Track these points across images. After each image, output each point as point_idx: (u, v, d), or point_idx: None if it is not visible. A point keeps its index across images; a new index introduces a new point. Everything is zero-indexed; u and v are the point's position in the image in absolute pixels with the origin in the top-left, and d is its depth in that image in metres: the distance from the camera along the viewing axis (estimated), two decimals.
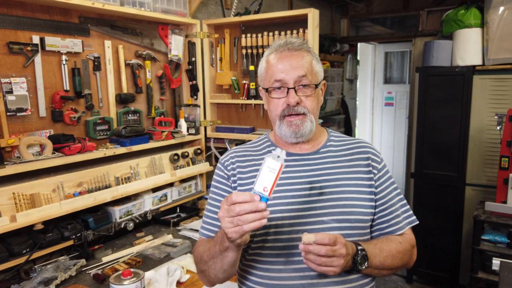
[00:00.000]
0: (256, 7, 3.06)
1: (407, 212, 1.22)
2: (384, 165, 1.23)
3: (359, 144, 1.25)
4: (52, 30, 1.75)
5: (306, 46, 1.19)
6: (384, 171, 1.22)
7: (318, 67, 1.19)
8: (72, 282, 1.60)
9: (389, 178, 1.22)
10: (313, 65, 1.17)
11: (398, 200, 1.21)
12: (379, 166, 1.21)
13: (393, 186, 1.22)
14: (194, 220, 2.26)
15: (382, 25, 4.97)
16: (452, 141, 3.28)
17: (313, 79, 1.15)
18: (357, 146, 1.24)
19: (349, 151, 1.23)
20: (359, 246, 1.07)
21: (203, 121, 2.51)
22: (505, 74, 3.04)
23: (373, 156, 1.23)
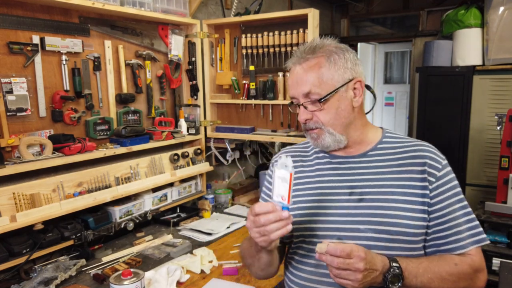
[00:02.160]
0: (256, 7, 3.06)
1: (473, 229, 1.04)
2: (446, 172, 1.07)
3: (416, 146, 1.10)
4: (52, 30, 1.75)
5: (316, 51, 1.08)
6: (445, 179, 1.06)
7: (330, 72, 1.05)
8: (72, 282, 1.59)
9: (452, 188, 1.06)
10: (321, 75, 1.05)
11: (463, 214, 1.05)
12: (438, 174, 1.05)
13: (456, 198, 1.06)
14: (194, 220, 2.26)
15: (382, 25, 4.97)
16: (452, 141, 3.28)
17: (322, 91, 1.05)
18: (413, 149, 1.10)
19: (403, 154, 1.10)
20: (394, 263, 0.97)
21: (203, 121, 2.51)
22: (505, 74, 3.04)
23: (432, 161, 1.07)
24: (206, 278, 1.62)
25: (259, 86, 2.41)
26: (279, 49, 2.33)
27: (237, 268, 1.66)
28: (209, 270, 1.67)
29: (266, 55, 2.39)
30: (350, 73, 1.07)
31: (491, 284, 2.58)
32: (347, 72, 1.06)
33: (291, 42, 2.28)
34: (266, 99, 2.38)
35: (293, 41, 2.27)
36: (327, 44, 1.09)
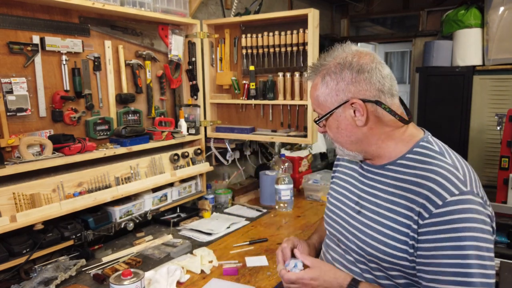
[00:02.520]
0: (256, 7, 3.06)
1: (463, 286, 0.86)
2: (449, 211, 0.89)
3: (428, 172, 0.97)
4: (52, 30, 1.75)
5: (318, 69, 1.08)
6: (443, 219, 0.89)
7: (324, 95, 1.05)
8: (72, 282, 1.59)
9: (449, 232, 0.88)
10: (317, 97, 1.07)
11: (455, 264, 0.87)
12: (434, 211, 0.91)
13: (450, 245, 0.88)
14: (194, 220, 2.26)
15: (382, 25, 4.98)
16: (452, 141, 3.28)
17: (322, 111, 1.08)
18: (423, 175, 0.97)
19: (413, 177, 0.99)
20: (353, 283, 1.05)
21: (203, 121, 2.51)
22: (505, 74, 3.05)
23: (432, 195, 0.92)
24: (206, 278, 1.62)
25: (259, 86, 2.41)
26: (279, 49, 2.33)
27: (237, 268, 1.66)
28: (209, 270, 1.67)
29: (266, 55, 2.39)
30: (344, 94, 1.03)
31: None
32: (339, 94, 1.04)
33: (291, 42, 2.28)
34: (266, 99, 2.38)
35: (293, 41, 2.27)
36: (329, 62, 1.06)
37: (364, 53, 1.06)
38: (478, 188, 0.95)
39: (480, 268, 0.86)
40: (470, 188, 0.92)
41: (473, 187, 0.93)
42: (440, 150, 1.02)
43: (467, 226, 0.87)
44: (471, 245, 0.86)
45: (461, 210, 0.88)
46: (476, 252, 0.86)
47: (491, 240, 0.90)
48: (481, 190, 0.96)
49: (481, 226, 0.88)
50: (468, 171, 0.98)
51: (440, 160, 0.99)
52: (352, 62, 1.03)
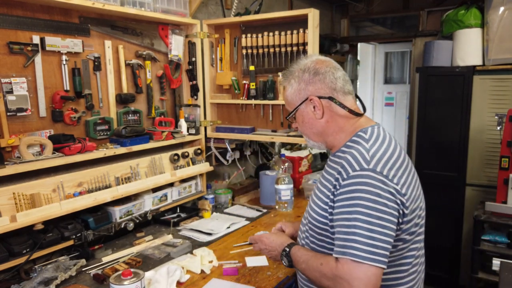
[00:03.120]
0: (256, 7, 3.06)
1: (346, 242, 1.08)
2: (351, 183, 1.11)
3: (345, 154, 1.20)
4: (52, 30, 1.75)
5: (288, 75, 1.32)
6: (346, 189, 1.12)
7: (290, 95, 1.31)
8: (72, 282, 1.60)
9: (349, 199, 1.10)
10: (286, 96, 1.34)
11: (345, 225, 1.10)
12: (342, 182, 1.13)
13: (347, 209, 1.10)
14: (194, 220, 2.26)
15: (382, 25, 4.97)
16: (452, 141, 3.28)
17: (291, 109, 1.33)
18: (342, 157, 1.19)
19: (339, 159, 1.22)
20: (287, 248, 1.33)
21: (203, 121, 2.51)
22: (505, 74, 3.04)
23: (342, 170, 1.15)
24: (206, 278, 1.62)
25: (259, 86, 2.41)
26: (279, 49, 2.33)
27: (237, 268, 1.66)
28: (209, 270, 1.67)
29: (266, 55, 2.39)
30: (304, 92, 1.27)
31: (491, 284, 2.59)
32: (301, 93, 1.28)
33: (291, 42, 2.28)
34: (266, 99, 2.38)
35: (293, 41, 2.27)
36: (295, 68, 1.31)
37: (322, 60, 1.29)
38: (387, 169, 1.13)
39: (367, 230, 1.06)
40: (373, 166, 1.12)
41: (377, 166, 1.12)
42: (368, 137, 1.22)
43: (360, 195, 1.09)
44: (361, 211, 1.08)
45: (358, 183, 1.11)
46: (364, 217, 1.07)
47: (383, 210, 1.08)
48: (392, 171, 1.13)
49: (373, 197, 1.08)
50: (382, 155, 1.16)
51: (360, 144, 1.20)
52: (310, 67, 1.27)
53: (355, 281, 1.05)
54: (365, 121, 1.30)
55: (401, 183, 1.14)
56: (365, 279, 1.04)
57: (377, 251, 1.05)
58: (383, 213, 1.07)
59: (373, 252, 1.05)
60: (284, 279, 1.60)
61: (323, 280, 1.14)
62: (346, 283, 1.06)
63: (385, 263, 1.06)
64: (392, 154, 1.17)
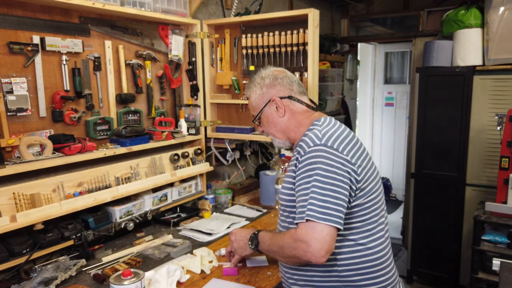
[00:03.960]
0: (257, 7, 3.06)
1: (303, 208, 1.22)
2: (306, 158, 1.27)
3: (303, 137, 1.35)
4: (52, 30, 1.75)
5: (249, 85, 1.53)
6: (303, 164, 1.27)
7: (255, 100, 1.50)
8: (72, 282, 1.60)
9: (305, 171, 1.25)
10: (251, 103, 1.52)
11: (302, 194, 1.24)
12: (300, 158, 1.29)
13: (305, 180, 1.25)
14: (194, 220, 2.26)
15: (382, 25, 4.97)
16: (452, 141, 3.28)
17: (255, 113, 1.51)
18: (301, 140, 1.35)
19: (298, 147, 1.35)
20: (254, 233, 1.50)
21: (203, 121, 2.52)
22: (505, 74, 3.04)
23: (300, 148, 1.32)
24: (206, 278, 1.62)
25: None
26: (279, 49, 2.33)
27: (237, 268, 1.66)
28: (209, 270, 1.67)
29: (267, 55, 2.39)
30: (267, 95, 1.47)
31: (491, 284, 2.59)
32: (264, 96, 1.48)
33: (291, 42, 2.28)
34: None
35: (293, 41, 2.27)
36: (256, 78, 1.52)
37: (279, 70, 1.52)
38: (337, 143, 1.29)
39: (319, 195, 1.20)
40: (325, 142, 1.28)
41: (328, 142, 1.28)
42: (321, 123, 1.37)
43: (314, 166, 1.24)
44: (315, 178, 1.22)
45: (312, 156, 1.26)
46: (318, 183, 1.21)
47: (335, 177, 1.22)
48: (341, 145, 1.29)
49: (325, 166, 1.23)
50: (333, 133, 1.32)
51: (315, 128, 1.36)
52: (269, 74, 1.50)
53: (312, 241, 1.17)
54: (319, 114, 1.46)
55: (351, 155, 1.29)
56: (320, 238, 1.17)
57: (330, 212, 1.18)
58: (335, 180, 1.22)
59: (327, 213, 1.18)
60: None
61: (285, 248, 1.27)
62: (304, 244, 1.19)
63: (340, 223, 1.19)
64: (342, 132, 1.34)
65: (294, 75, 1.53)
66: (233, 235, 1.63)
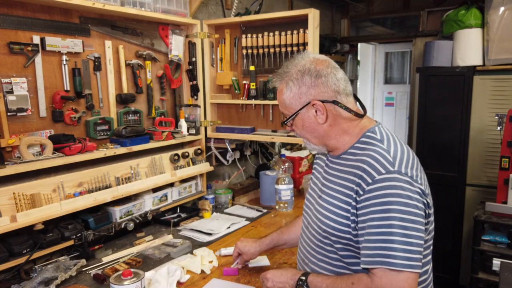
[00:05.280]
0: (257, 7, 3.06)
1: (385, 250, 1.02)
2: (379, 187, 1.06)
3: (364, 156, 1.14)
4: (52, 30, 1.75)
5: (283, 77, 1.24)
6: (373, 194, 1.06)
7: (289, 99, 1.22)
8: (72, 282, 1.60)
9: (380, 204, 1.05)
10: (283, 100, 1.24)
11: (380, 233, 1.04)
12: (367, 188, 1.08)
13: (380, 215, 1.04)
14: (195, 220, 2.26)
15: (383, 25, 4.97)
16: (452, 141, 3.28)
17: (288, 112, 1.25)
18: (361, 159, 1.14)
19: (355, 163, 1.15)
20: (302, 277, 1.19)
21: (204, 121, 2.52)
22: (505, 74, 3.04)
23: (365, 174, 1.09)
24: (206, 278, 1.62)
25: (259, 86, 2.41)
26: (279, 49, 2.33)
27: (237, 268, 1.66)
28: (209, 270, 1.67)
29: (267, 55, 2.39)
30: (306, 97, 1.20)
31: (492, 284, 2.58)
32: (302, 97, 1.20)
33: (292, 43, 2.28)
34: (267, 99, 2.38)
35: (293, 41, 2.27)
36: (291, 69, 1.22)
37: (321, 60, 1.22)
38: (409, 169, 1.09)
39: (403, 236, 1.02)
40: (398, 168, 1.07)
41: (401, 168, 1.08)
42: (380, 138, 1.17)
43: (391, 200, 1.04)
44: (395, 216, 1.03)
45: (387, 186, 1.05)
46: (399, 222, 1.02)
47: (415, 213, 1.04)
48: (414, 171, 1.10)
49: (405, 200, 1.04)
50: (402, 155, 1.12)
51: (376, 145, 1.14)
52: (310, 69, 1.19)
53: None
54: (368, 121, 1.24)
55: (423, 182, 1.11)
56: (405, 287, 1.01)
57: (414, 256, 1.02)
58: (415, 216, 1.04)
59: (411, 258, 1.01)
60: None
61: None
62: None
63: (421, 267, 1.03)
64: (408, 154, 1.14)
65: (339, 67, 1.24)
66: (269, 281, 1.28)
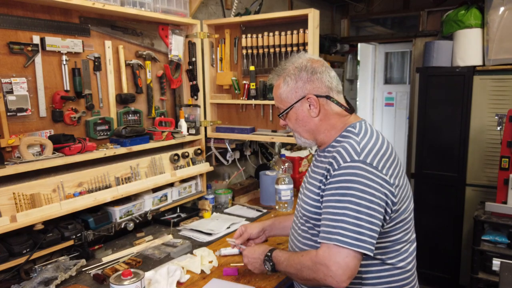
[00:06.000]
0: (257, 7, 3.06)
1: (330, 228, 1.14)
2: (341, 173, 1.17)
3: (336, 148, 1.25)
4: (52, 30, 1.75)
5: (280, 73, 1.34)
6: (336, 179, 1.17)
7: (285, 92, 1.32)
8: (72, 282, 1.60)
9: (337, 188, 1.16)
10: (279, 94, 1.34)
11: (330, 212, 1.16)
12: (333, 173, 1.19)
13: (335, 198, 1.16)
14: (194, 220, 2.26)
15: (383, 25, 4.97)
16: (452, 142, 3.28)
17: (283, 106, 1.35)
18: (334, 150, 1.25)
19: (330, 153, 1.27)
20: (269, 253, 1.37)
21: (203, 121, 2.52)
22: (505, 74, 3.04)
23: (333, 160, 1.21)
24: (206, 278, 1.62)
25: (259, 86, 2.41)
26: (279, 49, 2.33)
27: (237, 268, 1.66)
28: (209, 270, 1.67)
29: (267, 55, 2.39)
30: (302, 91, 1.30)
31: (491, 284, 2.59)
32: (298, 91, 1.30)
33: (291, 43, 2.28)
34: (267, 99, 2.38)
35: (293, 41, 2.27)
36: (288, 66, 1.33)
37: (316, 59, 1.34)
38: (376, 160, 1.18)
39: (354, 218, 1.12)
40: (364, 158, 1.17)
41: (367, 158, 1.17)
42: (358, 131, 1.26)
43: (350, 185, 1.14)
44: (351, 200, 1.13)
45: (348, 173, 1.16)
46: (353, 206, 1.12)
47: (371, 200, 1.13)
48: (381, 162, 1.19)
49: (362, 187, 1.13)
50: (372, 147, 1.21)
51: (351, 138, 1.24)
52: (307, 66, 1.30)
53: (334, 265, 1.11)
54: (354, 118, 1.34)
55: (390, 173, 1.19)
56: (342, 263, 1.10)
57: (362, 237, 1.11)
58: (371, 202, 1.13)
59: (358, 238, 1.10)
60: (284, 279, 1.60)
61: (304, 271, 1.20)
62: (325, 268, 1.13)
63: (371, 250, 1.11)
64: (380, 146, 1.23)
65: (332, 69, 1.35)
66: (245, 257, 1.48)
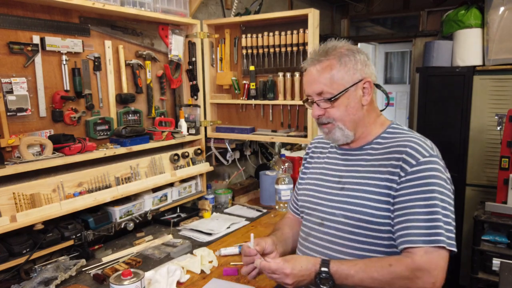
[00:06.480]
0: (257, 7, 3.06)
1: (430, 229, 1.02)
2: (422, 169, 1.08)
3: (403, 142, 1.16)
4: (52, 30, 1.75)
5: (329, 53, 1.19)
6: (416, 175, 1.08)
7: (341, 73, 1.16)
8: (72, 282, 1.60)
9: (423, 185, 1.07)
10: (332, 76, 1.17)
11: (424, 212, 1.05)
12: (409, 169, 1.09)
13: (423, 195, 1.06)
14: (194, 220, 2.26)
15: (383, 25, 4.97)
16: (452, 141, 3.28)
17: (334, 90, 1.17)
18: (399, 145, 1.16)
19: (390, 149, 1.17)
20: (323, 268, 1.08)
21: (203, 121, 2.51)
22: (505, 74, 3.04)
23: (408, 157, 1.11)
24: (206, 278, 1.62)
25: (259, 86, 2.41)
26: (279, 49, 2.33)
27: (237, 268, 1.66)
28: (209, 270, 1.67)
29: (266, 55, 2.39)
30: (360, 74, 1.18)
31: (491, 284, 2.58)
32: (356, 73, 1.17)
33: (291, 42, 2.28)
34: (266, 99, 2.38)
35: (293, 41, 2.27)
36: (339, 47, 1.19)
37: None
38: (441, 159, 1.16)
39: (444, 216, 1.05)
40: (437, 154, 1.14)
41: (438, 154, 1.15)
42: (408, 129, 1.23)
43: (434, 181, 1.07)
44: (437, 196, 1.06)
45: (430, 169, 1.09)
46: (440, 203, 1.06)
47: (450, 196, 1.10)
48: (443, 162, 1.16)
49: (443, 183, 1.09)
50: (432, 144, 1.18)
51: (410, 134, 1.20)
52: (359, 49, 1.20)
53: (436, 269, 1.02)
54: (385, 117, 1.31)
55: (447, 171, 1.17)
56: (444, 266, 1.03)
57: (452, 235, 1.05)
58: (450, 198, 1.09)
59: (450, 237, 1.04)
60: None
61: (396, 282, 1.04)
62: (426, 274, 1.01)
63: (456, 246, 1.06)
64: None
65: None
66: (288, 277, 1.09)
